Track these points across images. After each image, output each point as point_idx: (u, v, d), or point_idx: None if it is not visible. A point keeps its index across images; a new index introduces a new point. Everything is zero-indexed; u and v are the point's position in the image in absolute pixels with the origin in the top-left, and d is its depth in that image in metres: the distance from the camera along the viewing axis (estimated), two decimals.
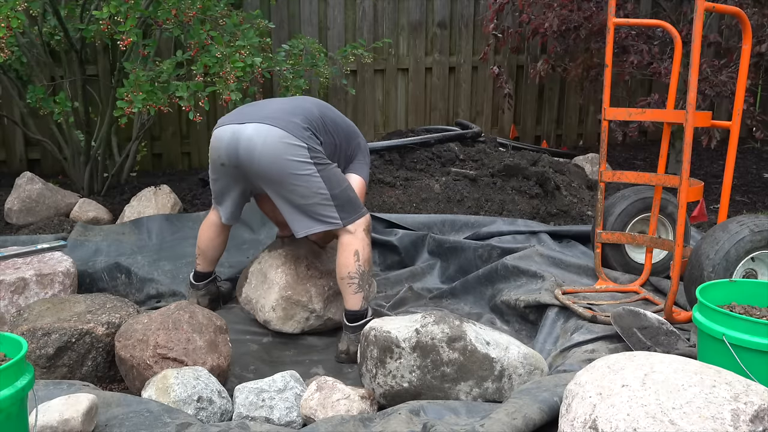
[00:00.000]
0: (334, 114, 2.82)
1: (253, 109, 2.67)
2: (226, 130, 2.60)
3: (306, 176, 2.52)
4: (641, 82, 6.29)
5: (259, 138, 2.50)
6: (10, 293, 2.74)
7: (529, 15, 4.99)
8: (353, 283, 2.61)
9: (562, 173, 4.49)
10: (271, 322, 2.80)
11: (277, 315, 2.78)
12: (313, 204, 2.56)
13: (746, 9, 4.36)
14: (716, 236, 2.57)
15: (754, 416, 1.48)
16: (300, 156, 2.51)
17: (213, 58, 3.43)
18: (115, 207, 4.10)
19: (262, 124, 2.53)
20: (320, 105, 2.79)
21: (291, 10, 5.49)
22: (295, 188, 2.53)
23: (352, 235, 2.61)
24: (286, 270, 2.83)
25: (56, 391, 2.00)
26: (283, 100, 2.74)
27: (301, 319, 2.80)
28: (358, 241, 2.61)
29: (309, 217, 2.59)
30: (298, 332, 2.82)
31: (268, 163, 2.50)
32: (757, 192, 4.91)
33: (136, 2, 3.43)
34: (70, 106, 4.02)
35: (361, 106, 5.79)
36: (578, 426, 1.60)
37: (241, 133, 2.54)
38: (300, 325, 2.81)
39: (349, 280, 2.61)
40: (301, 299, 2.79)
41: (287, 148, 2.50)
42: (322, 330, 2.87)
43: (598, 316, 2.61)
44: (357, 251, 2.60)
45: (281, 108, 2.63)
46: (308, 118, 2.62)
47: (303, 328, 2.81)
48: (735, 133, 2.73)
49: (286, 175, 2.51)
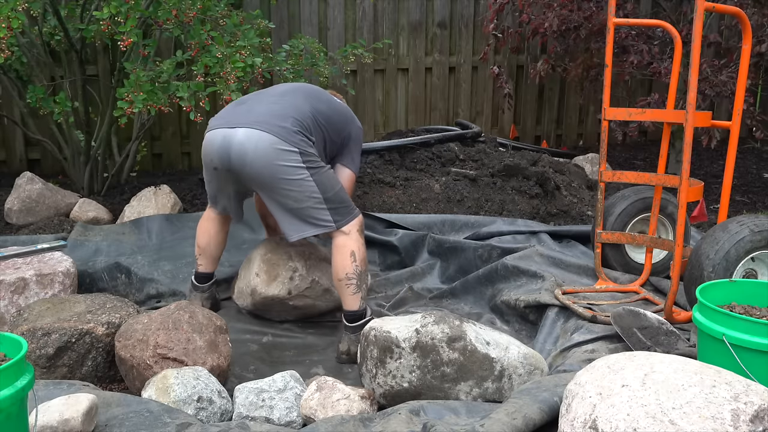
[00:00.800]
0: (326, 105, 2.78)
1: (243, 109, 2.64)
2: (218, 134, 2.58)
3: (298, 181, 2.51)
4: (641, 82, 6.29)
5: (251, 144, 2.49)
6: (10, 293, 2.74)
7: (529, 15, 4.99)
8: (351, 283, 2.61)
9: (562, 173, 4.49)
10: (258, 287, 2.83)
11: (261, 279, 2.82)
12: (306, 208, 2.55)
13: (746, 9, 4.36)
14: (716, 236, 2.57)
15: (754, 416, 1.48)
16: (292, 161, 2.50)
17: (213, 59, 3.43)
18: (115, 207, 4.10)
19: (252, 129, 2.51)
20: (312, 98, 2.74)
21: (291, 10, 5.50)
22: (288, 193, 2.53)
23: (346, 236, 2.61)
24: (266, 245, 2.94)
25: (56, 391, 2.00)
26: (273, 98, 2.69)
27: (285, 279, 2.83)
28: (353, 242, 2.61)
29: (302, 221, 2.59)
30: (285, 294, 2.83)
31: (259, 168, 2.50)
32: (757, 192, 4.91)
33: (136, 2, 3.43)
34: (70, 106, 4.02)
35: (361, 106, 5.79)
36: (578, 426, 1.60)
37: (232, 138, 2.53)
38: (285, 286, 2.82)
39: (347, 281, 2.61)
40: (281, 258, 2.87)
41: (279, 153, 2.49)
42: (311, 295, 2.88)
43: (598, 316, 2.61)
44: (353, 252, 2.60)
45: (270, 111, 2.59)
46: (298, 119, 2.59)
47: (290, 289, 2.83)
48: (735, 133, 2.73)
49: (278, 180, 2.51)
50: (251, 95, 2.79)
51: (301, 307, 2.90)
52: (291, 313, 2.93)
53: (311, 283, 2.87)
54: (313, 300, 2.90)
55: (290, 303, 2.87)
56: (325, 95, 2.86)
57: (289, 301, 2.86)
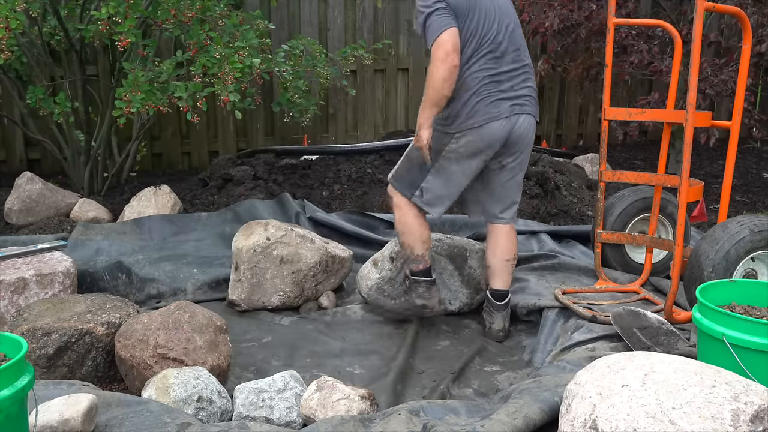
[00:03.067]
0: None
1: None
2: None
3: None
4: (641, 81, 6.28)
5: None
6: (10, 293, 2.74)
7: (529, 14, 4.99)
8: (513, 265, 2.80)
9: (562, 173, 4.49)
10: (242, 248, 2.98)
11: (239, 242, 3.02)
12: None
13: (746, 9, 4.35)
14: (716, 236, 2.57)
15: (754, 416, 1.48)
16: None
17: (212, 59, 3.43)
18: (115, 207, 4.10)
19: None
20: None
21: (291, 10, 5.49)
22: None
23: (512, 227, 2.81)
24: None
25: (56, 391, 2.00)
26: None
27: (261, 231, 3.01)
28: (515, 233, 2.83)
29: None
30: (260, 249, 2.95)
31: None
32: (757, 192, 4.91)
33: (135, 2, 3.43)
34: (70, 106, 4.02)
35: (362, 106, 5.79)
36: (578, 426, 1.60)
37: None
38: (261, 236, 2.99)
39: (512, 262, 2.80)
40: (258, 224, 3.07)
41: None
42: (288, 242, 3.01)
43: (598, 316, 2.61)
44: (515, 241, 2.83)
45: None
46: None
47: (267, 236, 2.98)
48: (735, 133, 2.73)
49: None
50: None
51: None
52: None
53: (287, 235, 3.06)
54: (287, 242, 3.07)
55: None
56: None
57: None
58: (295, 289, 3.03)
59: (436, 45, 2.45)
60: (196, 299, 3.07)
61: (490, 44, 2.56)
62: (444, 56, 2.44)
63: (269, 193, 4.11)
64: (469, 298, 3.01)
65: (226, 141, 5.50)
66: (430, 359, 2.66)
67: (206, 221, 3.79)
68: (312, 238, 3.09)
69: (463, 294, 3.01)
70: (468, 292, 3.01)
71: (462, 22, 2.50)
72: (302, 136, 5.36)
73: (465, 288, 3.01)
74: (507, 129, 2.59)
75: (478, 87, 2.55)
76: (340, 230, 3.59)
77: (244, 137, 5.57)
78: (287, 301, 3.04)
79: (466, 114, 2.56)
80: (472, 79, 2.55)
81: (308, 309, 3.09)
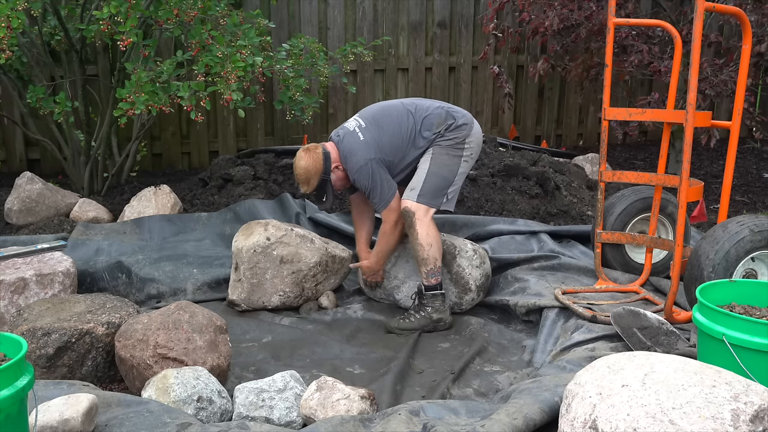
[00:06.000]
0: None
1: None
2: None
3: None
4: (641, 81, 6.28)
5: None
6: (10, 293, 2.74)
7: (529, 14, 4.99)
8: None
9: (562, 173, 4.49)
10: (242, 248, 2.99)
11: (239, 242, 3.03)
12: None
13: (746, 9, 4.35)
14: (716, 236, 2.57)
15: (754, 416, 1.48)
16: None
17: (215, 58, 3.43)
18: (115, 207, 4.10)
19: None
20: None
21: (291, 10, 5.49)
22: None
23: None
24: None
25: (56, 391, 2.00)
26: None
27: (261, 231, 3.02)
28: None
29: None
30: (260, 249, 2.96)
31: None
32: (757, 192, 4.91)
33: (136, 2, 3.43)
34: (70, 106, 4.02)
35: (362, 106, 5.74)
36: (578, 426, 1.60)
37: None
38: (261, 236, 3.00)
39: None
40: (258, 224, 3.09)
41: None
42: (288, 242, 3.01)
43: (598, 316, 2.61)
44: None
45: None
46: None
47: (267, 236, 3.00)
48: (735, 133, 2.73)
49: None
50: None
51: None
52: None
53: (286, 236, 3.09)
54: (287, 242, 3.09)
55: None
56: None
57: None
58: (295, 289, 3.03)
59: (388, 210, 2.90)
60: (196, 299, 3.07)
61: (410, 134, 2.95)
62: (395, 222, 2.91)
63: (269, 193, 4.11)
64: (457, 297, 3.02)
65: (226, 141, 5.50)
66: (430, 359, 2.66)
67: (206, 221, 3.79)
68: (312, 238, 3.09)
69: (452, 293, 3.01)
70: (456, 291, 3.01)
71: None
72: (302, 135, 5.36)
73: (453, 287, 3.01)
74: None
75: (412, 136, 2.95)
76: (340, 230, 3.59)
77: (244, 137, 5.57)
78: (287, 301, 3.04)
79: (454, 130, 2.95)
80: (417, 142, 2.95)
81: (308, 309, 3.09)
